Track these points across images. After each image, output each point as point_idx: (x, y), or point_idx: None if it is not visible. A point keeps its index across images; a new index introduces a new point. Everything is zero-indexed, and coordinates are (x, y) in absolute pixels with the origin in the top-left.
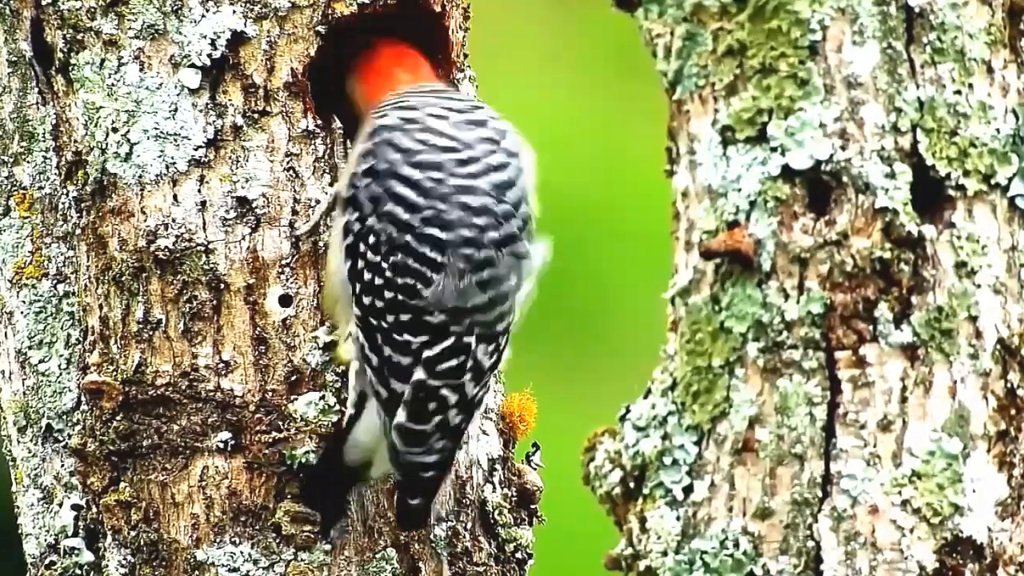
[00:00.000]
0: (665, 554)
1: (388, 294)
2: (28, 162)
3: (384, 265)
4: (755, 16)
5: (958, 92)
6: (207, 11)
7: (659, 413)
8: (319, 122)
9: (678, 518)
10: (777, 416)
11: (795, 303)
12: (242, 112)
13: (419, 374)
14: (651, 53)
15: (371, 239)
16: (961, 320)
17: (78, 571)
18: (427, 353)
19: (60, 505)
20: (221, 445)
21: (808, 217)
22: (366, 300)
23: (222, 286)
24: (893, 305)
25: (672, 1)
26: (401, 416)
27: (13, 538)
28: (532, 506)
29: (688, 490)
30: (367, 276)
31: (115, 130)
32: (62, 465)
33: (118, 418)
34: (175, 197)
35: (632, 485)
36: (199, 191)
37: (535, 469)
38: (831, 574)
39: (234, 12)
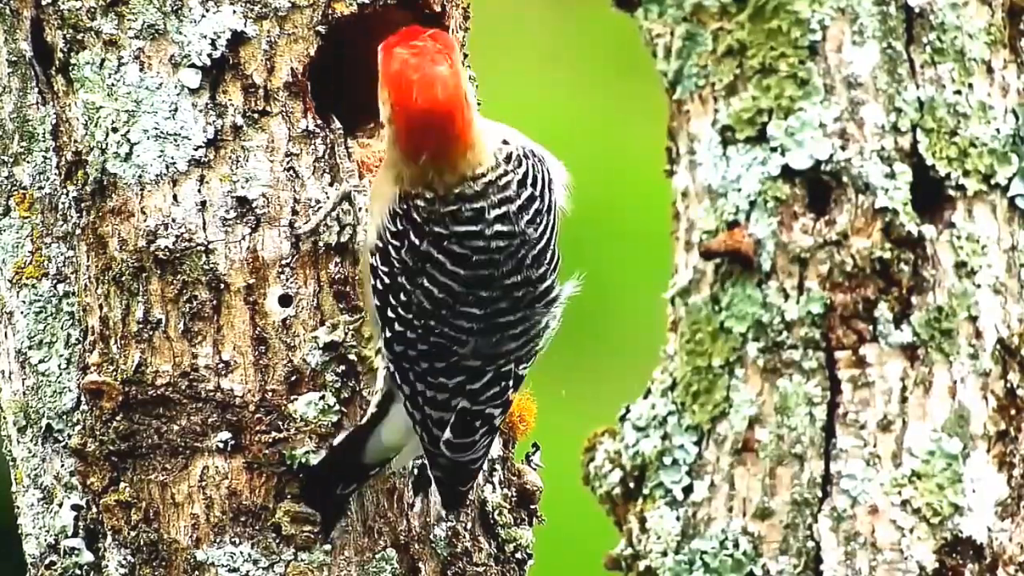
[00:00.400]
0: (665, 554)
1: (421, 347)
2: (28, 162)
3: (416, 323)
4: (755, 16)
5: (958, 92)
6: (207, 11)
7: (659, 413)
8: (319, 122)
9: (678, 518)
10: (777, 416)
11: (795, 303)
12: (242, 112)
13: (464, 403)
14: (651, 53)
15: (402, 296)
16: (961, 320)
17: (78, 571)
18: (472, 387)
19: (60, 505)
20: (221, 445)
21: (808, 217)
22: (397, 348)
23: (222, 286)
24: (893, 305)
25: (672, 1)
26: (448, 435)
27: (13, 538)
28: (532, 506)
29: (688, 490)
30: (398, 327)
31: (115, 130)
32: (62, 465)
33: (118, 418)
34: (175, 197)
35: (632, 485)
36: (199, 191)
37: (535, 469)
38: (831, 574)
39: (234, 12)
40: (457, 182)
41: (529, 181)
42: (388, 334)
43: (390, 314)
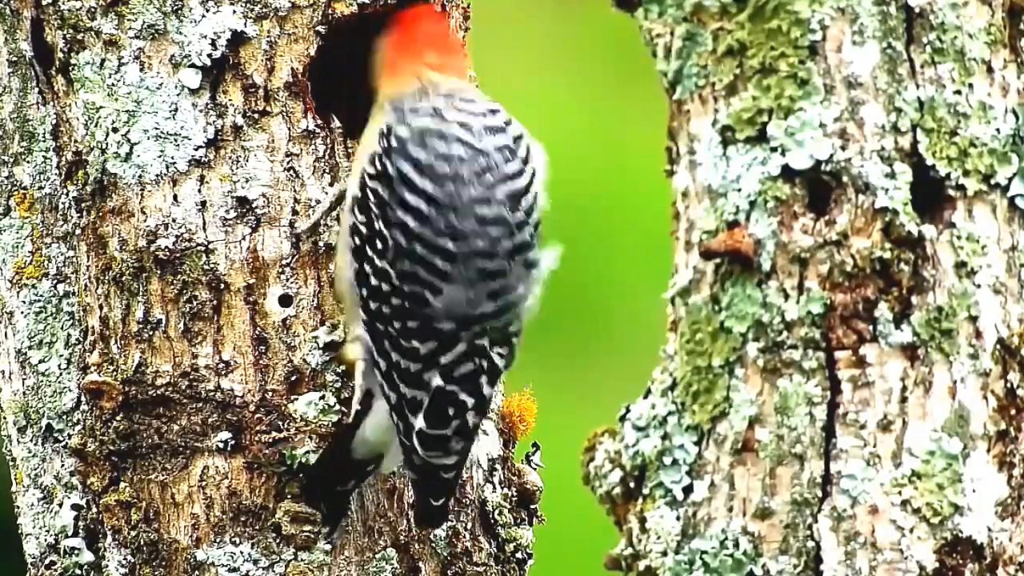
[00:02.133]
0: (665, 554)
1: (395, 301)
2: (28, 162)
3: (391, 272)
4: (755, 16)
5: (958, 92)
6: (207, 11)
7: (659, 413)
8: (319, 122)
9: (678, 518)
10: (777, 416)
11: (795, 303)
12: (242, 112)
13: (437, 380)
14: (651, 53)
15: (378, 244)
16: (961, 320)
17: (78, 571)
18: (444, 359)
19: (60, 505)
20: (221, 445)
21: (808, 217)
22: (373, 305)
23: (222, 286)
24: (893, 305)
25: (672, 1)
26: (420, 422)
27: (13, 538)
28: (532, 506)
29: (688, 490)
30: (374, 282)
31: (115, 130)
32: (62, 465)
33: (118, 418)
34: (175, 197)
35: (632, 485)
36: (199, 191)
37: (535, 469)
38: (831, 574)
39: (234, 12)
40: (436, 81)
41: (502, 119)
42: (364, 293)
43: (367, 268)
